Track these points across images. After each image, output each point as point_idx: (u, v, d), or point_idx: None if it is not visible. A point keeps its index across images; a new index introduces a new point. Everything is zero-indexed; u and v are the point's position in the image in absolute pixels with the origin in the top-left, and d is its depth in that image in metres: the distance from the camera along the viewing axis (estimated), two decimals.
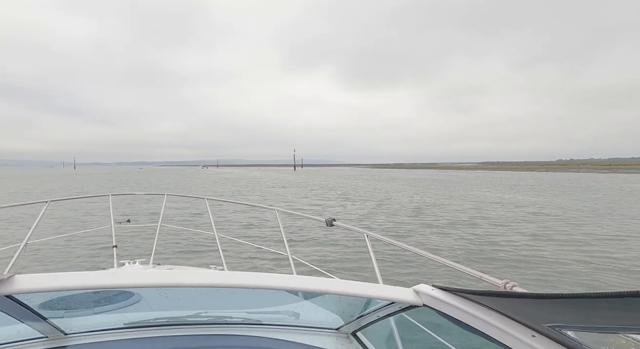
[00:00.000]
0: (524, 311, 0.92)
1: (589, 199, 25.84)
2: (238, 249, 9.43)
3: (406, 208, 19.94)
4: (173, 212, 16.95)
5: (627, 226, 14.17)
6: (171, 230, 10.05)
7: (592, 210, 19.73)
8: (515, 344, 0.93)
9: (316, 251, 10.03)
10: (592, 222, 15.41)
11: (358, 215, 17.47)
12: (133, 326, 1.72)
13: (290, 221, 13.96)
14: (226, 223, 14.51)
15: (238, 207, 18.63)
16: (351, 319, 1.75)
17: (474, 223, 14.79)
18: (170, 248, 9.95)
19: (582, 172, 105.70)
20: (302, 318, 1.90)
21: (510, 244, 10.90)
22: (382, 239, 2.42)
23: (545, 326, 0.86)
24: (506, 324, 0.96)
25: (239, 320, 1.87)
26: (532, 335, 0.91)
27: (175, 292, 1.72)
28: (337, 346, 1.78)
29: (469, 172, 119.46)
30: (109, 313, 1.78)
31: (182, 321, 1.81)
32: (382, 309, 1.47)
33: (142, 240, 10.58)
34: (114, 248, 3.91)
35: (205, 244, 10.27)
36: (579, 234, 12.61)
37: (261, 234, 12.45)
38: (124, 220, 5.12)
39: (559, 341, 0.85)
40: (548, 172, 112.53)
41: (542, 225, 14.45)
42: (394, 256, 8.85)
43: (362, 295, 1.26)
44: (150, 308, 1.89)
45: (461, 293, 1.10)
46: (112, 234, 4.02)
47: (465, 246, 10.58)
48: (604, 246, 10.71)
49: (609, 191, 34.77)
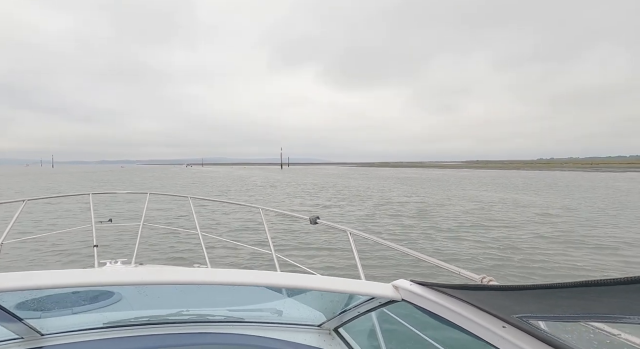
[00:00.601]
0: (495, 303, 0.95)
1: (588, 198, 25.32)
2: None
3: (408, 209, 18.76)
4: (156, 212, 16.44)
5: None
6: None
7: (600, 209, 19.05)
8: (487, 335, 0.96)
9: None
10: (607, 222, 14.58)
11: (358, 217, 16.16)
12: (113, 325, 1.68)
13: (274, 220, 13.84)
14: (210, 222, 14.21)
15: (222, 206, 18.29)
16: (333, 315, 1.77)
17: (485, 226, 13.70)
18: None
19: (567, 171, 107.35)
20: (284, 315, 1.91)
21: (537, 251, 9.77)
22: (364, 236, 2.43)
23: (514, 317, 0.89)
24: (479, 316, 0.99)
25: (220, 318, 1.84)
26: (502, 326, 0.93)
27: (156, 290, 1.70)
28: (320, 343, 1.79)
29: (456, 170, 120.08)
30: (88, 312, 1.76)
31: (163, 319, 1.77)
32: (363, 304, 1.50)
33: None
34: (95, 248, 3.80)
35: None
36: (603, 237, 11.65)
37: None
38: (105, 219, 4.97)
39: (526, 331, 0.89)
40: (534, 170, 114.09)
41: (559, 228, 13.48)
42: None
43: (343, 291, 1.27)
44: (130, 307, 1.85)
45: (437, 287, 1.13)
46: (92, 234, 3.90)
47: (489, 254, 9.36)
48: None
49: (604, 189, 34.59)
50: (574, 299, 0.67)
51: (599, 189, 34.18)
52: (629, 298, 0.55)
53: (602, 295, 0.60)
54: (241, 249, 8.99)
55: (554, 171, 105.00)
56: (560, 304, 0.73)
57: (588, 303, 0.66)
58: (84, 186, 41.26)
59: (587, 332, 0.84)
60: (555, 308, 0.76)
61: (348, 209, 18.94)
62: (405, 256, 2.61)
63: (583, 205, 20.93)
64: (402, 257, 8.40)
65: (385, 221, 14.85)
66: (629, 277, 0.51)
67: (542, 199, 24.94)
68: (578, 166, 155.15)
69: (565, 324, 0.87)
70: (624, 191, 32.15)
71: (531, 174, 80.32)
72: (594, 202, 22.40)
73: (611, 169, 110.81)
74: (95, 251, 3.77)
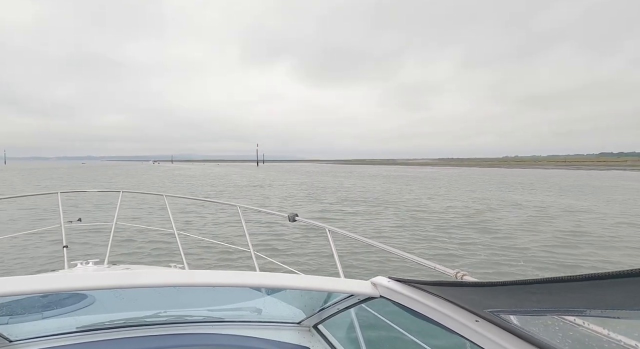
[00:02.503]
0: (469, 298, 0.99)
1: (592, 198, 23.55)
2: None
3: (444, 215, 15.39)
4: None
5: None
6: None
7: (620, 213, 16.87)
8: (461, 329, 1.00)
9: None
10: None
11: (398, 231, 12.55)
12: (86, 329, 1.63)
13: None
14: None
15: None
16: (313, 312, 1.78)
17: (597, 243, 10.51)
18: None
19: (550, 169, 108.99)
20: (264, 314, 1.91)
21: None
22: (343, 233, 2.42)
23: (486, 311, 0.93)
24: (453, 311, 1.02)
25: (200, 318, 1.83)
26: (475, 320, 0.97)
27: (132, 292, 1.67)
28: (299, 340, 1.80)
29: (435, 168, 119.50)
30: (60, 316, 1.70)
31: (140, 322, 1.73)
32: (342, 301, 1.53)
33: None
34: (65, 249, 3.65)
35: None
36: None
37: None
38: (74, 219, 4.74)
39: (497, 324, 0.93)
40: (512, 169, 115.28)
41: (600, 235, 11.47)
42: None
43: (322, 289, 1.29)
44: (105, 310, 1.82)
45: (414, 283, 1.17)
46: (62, 234, 3.78)
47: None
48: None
49: (601, 188, 33.03)
50: (542, 294, 0.71)
51: (595, 188, 32.48)
52: (592, 292, 0.60)
53: (568, 290, 0.64)
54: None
55: (536, 169, 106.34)
56: (530, 299, 0.77)
57: (555, 297, 0.70)
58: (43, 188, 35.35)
59: (554, 325, 0.88)
60: (524, 303, 0.80)
61: (410, 232, 12.25)
62: (381, 251, 2.25)
63: (595, 205, 18.57)
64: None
65: (446, 237, 11.31)
66: (592, 273, 0.55)
67: (551, 199, 22.39)
68: (558, 164, 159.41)
69: (534, 318, 0.92)
70: (627, 189, 30.62)
71: (515, 172, 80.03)
72: (610, 204, 20.22)
73: (589, 167, 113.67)
74: (65, 251, 3.60)
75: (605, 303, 0.61)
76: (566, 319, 0.87)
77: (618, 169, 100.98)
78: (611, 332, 0.82)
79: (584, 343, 0.84)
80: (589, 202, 21.24)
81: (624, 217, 15.86)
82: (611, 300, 0.59)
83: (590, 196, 25.53)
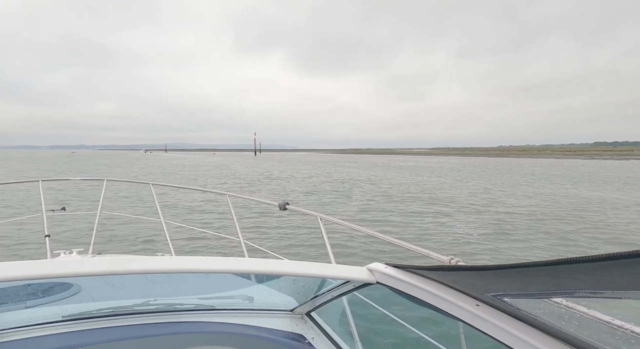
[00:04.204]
0: (469, 282, 0.98)
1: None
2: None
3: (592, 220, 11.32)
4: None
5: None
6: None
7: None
8: (462, 313, 0.99)
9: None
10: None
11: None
12: (73, 318, 1.59)
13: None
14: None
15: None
16: (306, 300, 1.76)
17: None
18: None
19: (556, 158, 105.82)
20: (256, 302, 1.89)
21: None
22: (335, 221, 2.40)
23: (488, 295, 0.92)
24: (453, 295, 1.02)
25: (190, 307, 1.80)
26: (476, 304, 0.96)
27: (120, 280, 1.63)
28: (292, 327, 1.79)
29: (441, 158, 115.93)
30: (45, 305, 1.66)
31: (129, 310, 1.69)
32: (337, 288, 1.51)
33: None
34: (47, 238, 3.53)
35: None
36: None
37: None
38: (58, 208, 4.51)
39: (499, 308, 0.92)
40: (520, 158, 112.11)
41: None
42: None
43: (317, 275, 1.27)
44: (92, 299, 1.78)
45: (412, 269, 1.16)
46: (44, 223, 3.63)
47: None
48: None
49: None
50: (546, 276, 0.70)
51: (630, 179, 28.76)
52: (598, 274, 0.59)
53: (573, 272, 0.63)
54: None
55: (541, 159, 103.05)
56: (534, 282, 0.76)
57: (559, 280, 0.69)
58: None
59: (559, 308, 0.85)
60: (528, 286, 0.79)
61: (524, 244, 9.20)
62: (374, 240, 2.26)
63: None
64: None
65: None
66: (596, 255, 0.55)
67: (614, 195, 18.54)
68: (565, 153, 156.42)
69: (538, 301, 0.89)
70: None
71: (525, 162, 76.37)
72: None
73: (606, 157, 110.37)
74: (47, 241, 3.50)
75: (612, 284, 0.60)
76: (572, 301, 0.85)
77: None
78: (618, 313, 0.79)
79: (591, 326, 0.81)
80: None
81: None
82: (618, 281, 0.58)
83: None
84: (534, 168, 51.40)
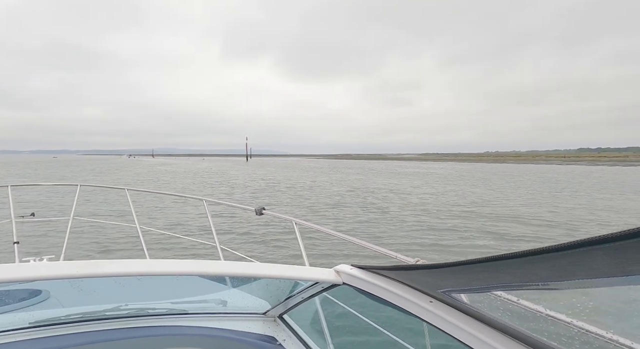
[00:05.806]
0: (424, 280, 1.06)
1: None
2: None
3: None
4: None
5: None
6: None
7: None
8: (418, 310, 1.06)
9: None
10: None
11: None
12: (41, 324, 1.55)
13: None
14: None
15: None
16: (278, 302, 1.78)
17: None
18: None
19: (554, 164, 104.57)
20: (229, 305, 1.89)
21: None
22: (309, 225, 2.45)
23: (439, 292, 1.00)
24: (411, 293, 1.08)
25: (162, 311, 1.77)
26: (430, 301, 1.03)
27: (90, 285, 1.62)
28: (264, 330, 1.79)
29: (439, 164, 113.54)
30: (11, 312, 1.63)
31: (100, 315, 1.66)
32: (307, 290, 1.53)
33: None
34: (16, 245, 3.43)
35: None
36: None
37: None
38: (27, 214, 4.49)
39: (449, 304, 0.99)
40: (515, 164, 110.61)
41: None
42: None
43: (287, 277, 1.29)
44: (61, 305, 1.74)
45: (374, 269, 1.22)
46: (12, 230, 3.54)
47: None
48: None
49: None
50: (486, 272, 0.77)
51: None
52: (527, 268, 0.67)
53: (508, 267, 0.70)
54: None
55: (539, 165, 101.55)
56: (476, 278, 0.83)
57: (497, 274, 0.76)
58: None
59: (496, 300, 0.95)
60: (472, 281, 0.86)
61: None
62: (351, 245, 2.23)
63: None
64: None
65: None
66: (527, 250, 0.60)
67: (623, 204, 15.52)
68: (558, 159, 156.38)
69: (480, 295, 0.99)
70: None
71: (521, 168, 74.24)
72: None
73: (605, 164, 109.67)
74: (15, 247, 3.40)
75: (539, 276, 0.67)
76: (506, 293, 0.94)
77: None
78: (543, 301, 0.90)
79: (521, 314, 0.91)
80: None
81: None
82: (543, 274, 0.65)
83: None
84: (547, 175, 48.72)
